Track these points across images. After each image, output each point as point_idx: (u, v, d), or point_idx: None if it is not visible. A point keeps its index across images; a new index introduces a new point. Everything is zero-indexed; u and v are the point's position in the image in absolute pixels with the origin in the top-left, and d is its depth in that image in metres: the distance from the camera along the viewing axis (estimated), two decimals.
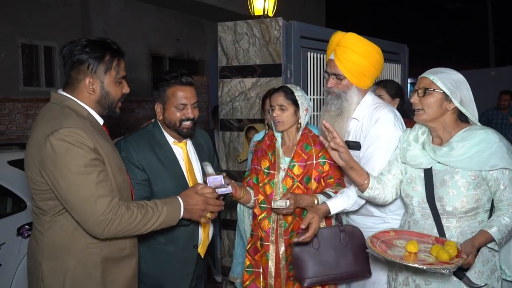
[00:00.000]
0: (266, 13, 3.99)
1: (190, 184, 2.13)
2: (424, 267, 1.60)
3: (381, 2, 17.34)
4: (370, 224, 2.23)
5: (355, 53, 2.12)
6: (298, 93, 2.25)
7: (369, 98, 2.24)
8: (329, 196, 2.14)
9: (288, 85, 2.31)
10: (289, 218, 2.22)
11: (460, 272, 1.77)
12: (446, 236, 1.82)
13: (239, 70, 3.46)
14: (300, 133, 2.27)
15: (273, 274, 2.22)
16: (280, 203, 2.03)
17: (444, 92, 1.80)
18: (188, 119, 2.07)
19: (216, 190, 1.93)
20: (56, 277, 1.64)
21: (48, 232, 1.65)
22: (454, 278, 1.80)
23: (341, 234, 2.13)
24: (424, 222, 1.88)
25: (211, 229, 2.24)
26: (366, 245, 2.06)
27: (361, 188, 1.97)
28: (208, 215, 1.89)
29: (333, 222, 2.25)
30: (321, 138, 1.95)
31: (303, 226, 1.97)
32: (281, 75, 3.30)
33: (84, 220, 1.58)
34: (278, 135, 2.32)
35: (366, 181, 1.94)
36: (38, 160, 1.57)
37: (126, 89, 1.80)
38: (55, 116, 1.62)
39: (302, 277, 2.10)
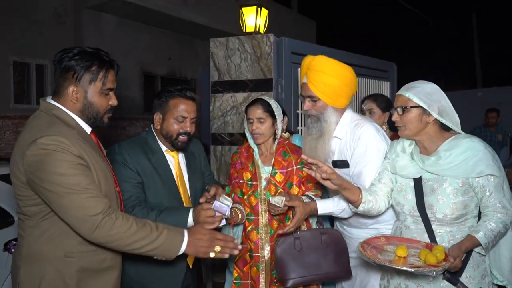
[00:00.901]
0: (257, 30, 4.06)
1: (181, 192, 2.14)
2: (412, 270, 1.63)
3: (370, 23, 17.72)
4: (365, 235, 2.23)
5: (326, 75, 2.16)
6: (274, 106, 2.34)
7: (348, 115, 2.26)
8: (310, 198, 2.23)
9: (263, 98, 2.39)
10: (275, 225, 2.26)
11: (454, 278, 1.80)
12: (437, 241, 1.85)
13: (230, 85, 3.50)
14: (276, 142, 2.36)
15: (264, 285, 2.24)
16: (277, 199, 2.08)
17: (421, 106, 1.84)
18: (185, 133, 2.09)
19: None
20: (31, 283, 1.61)
21: (29, 237, 1.63)
22: (446, 283, 1.83)
23: (322, 236, 2.20)
24: (415, 227, 1.92)
25: None
26: (346, 247, 2.19)
27: (355, 204, 1.98)
28: (216, 248, 1.67)
29: (314, 225, 2.31)
30: (306, 169, 1.92)
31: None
32: (272, 90, 3.35)
33: (74, 221, 1.55)
34: (255, 146, 2.38)
35: (360, 196, 1.96)
36: (22, 167, 1.56)
37: (113, 102, 1.75)
38: (40, 124, 1.61)
39: (285, 278, 2.14)
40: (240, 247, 1.71)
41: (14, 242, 3.00)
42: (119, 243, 1.56)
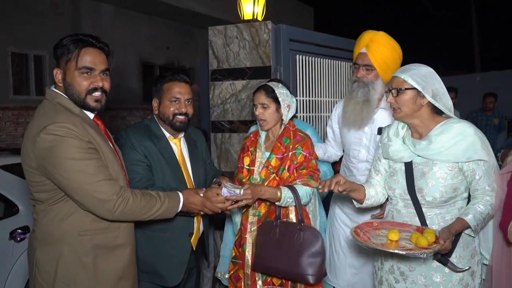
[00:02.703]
0: (255, 17, 4.06)
1: (185, 177, 2.20)
2: (404, 253, 1.69)
3: (369, 9, 17.61)
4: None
5: (386, 48, 2.46)
6: (280, 90, 2.30)
7: None
8: (293, 189, 2.16)
9: (270, 83, 2.36)
10: (263, 209, 2.27)
11: (444, 259, 1.86)
12: (428, 223, 1.90)
13: (229, 72, 3.52)
14: (282, 128, 2.33)
15: (250, 264, 2.26)
16: (233, 186, 2.01)
17: (416, 88, 1.87)
18: (181, 114, 2.14)
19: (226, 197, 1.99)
20: (49, 263, 1.67)
21: (42, 220, 1.69)
22: (436, 264, 1.88)
23: (299, 232, 2.12)
24: (406, 211, 1.96)
25: (201, 223, 2.29)
26: (321, 249, 2.08)
27: (360, 201, 2.06)
28: (202, 212, 2.02)
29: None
30: (321, 187, 1.96)
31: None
32: (271, 77, 3.36)
33: (91, 204, 1.63)
34: (262, 132, 2.38)
35: (365, 194, 2.04)
36: (33, 155, 1.61)
37: (97, 83, 1.70)
38: (47, 112, 1.66)
39: (255, 259, 2.19)
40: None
41: (19, 230, 3.06)
42: (133, 217, 1.75)
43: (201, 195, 1.95)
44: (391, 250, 1.71)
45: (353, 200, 2.09)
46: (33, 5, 7.69)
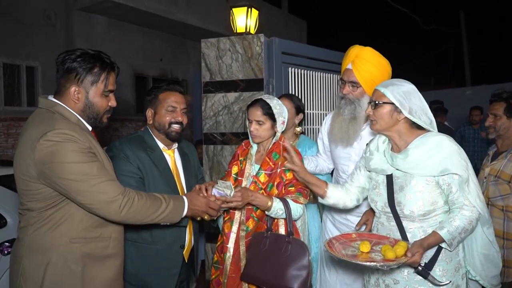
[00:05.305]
0: (248, 30, 4.10)
1: (179, 188, 2.20)
2: (365, 263, 1.71)
3: (361, 23, 17.85)
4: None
5: (372, 65, 2.40)
6: (275, 107, 2.28)
7: None
8: (285, 201, 2.15)
9: (265, 98, 2.32)
10: (251, 224, 2.25)
11: (424, 271, 1.84)
12: (409, 237, 1.88)
13: (222, 85, 3.53)
14: (272, 142, 2.31)
15: (227, 274, 2.25)
16: (224, 185, 2.02)
17: (394, 103, 1.88)
18: (177, 122, 2.16)
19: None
20: (36, 271, 1.64)
21: (33, 227, 1.67)
22: (420, 277, 1.86)
23: (287, 244, 2.11)
24: (389, 224, 1.97)
25: (193, 235, 2.28)
26: (307, 264, 2.07)
27: (322, 197, 2.13)
28: (206, 217, 2.05)
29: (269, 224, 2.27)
30: (285, 155, 2.06)
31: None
32: (263, 90, 3.38)
33: (97, 205, 1.63)
34: (254, 144, 2.37)
35: (325, 190, 2.10)
36: (33, 162, 1.60)
37: (112, 103, 1.81)
38: (45, 119, 1.66)
39: (243, 270, 2.18)
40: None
41: (7, 244, 3.01)
42: (139, 218, 1.72)
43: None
44: (353, 261, 1.73)
45: (318, 195, 2.15)
46: (26, 16, 7.67)
